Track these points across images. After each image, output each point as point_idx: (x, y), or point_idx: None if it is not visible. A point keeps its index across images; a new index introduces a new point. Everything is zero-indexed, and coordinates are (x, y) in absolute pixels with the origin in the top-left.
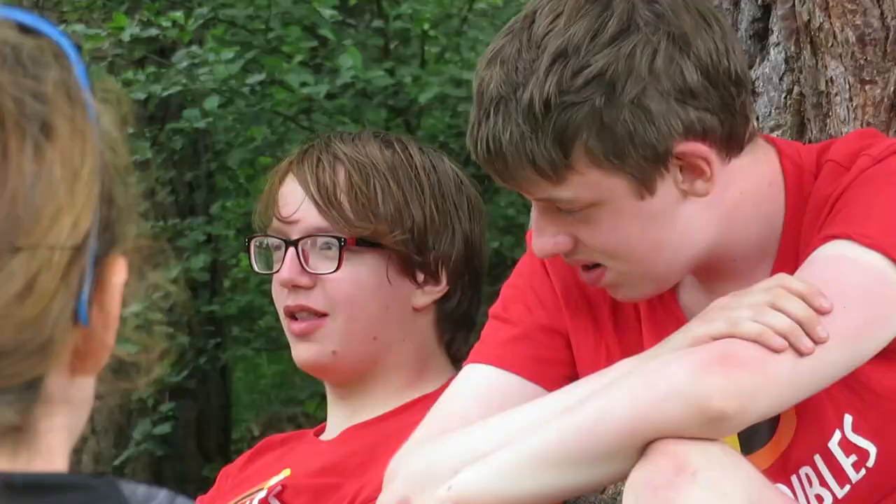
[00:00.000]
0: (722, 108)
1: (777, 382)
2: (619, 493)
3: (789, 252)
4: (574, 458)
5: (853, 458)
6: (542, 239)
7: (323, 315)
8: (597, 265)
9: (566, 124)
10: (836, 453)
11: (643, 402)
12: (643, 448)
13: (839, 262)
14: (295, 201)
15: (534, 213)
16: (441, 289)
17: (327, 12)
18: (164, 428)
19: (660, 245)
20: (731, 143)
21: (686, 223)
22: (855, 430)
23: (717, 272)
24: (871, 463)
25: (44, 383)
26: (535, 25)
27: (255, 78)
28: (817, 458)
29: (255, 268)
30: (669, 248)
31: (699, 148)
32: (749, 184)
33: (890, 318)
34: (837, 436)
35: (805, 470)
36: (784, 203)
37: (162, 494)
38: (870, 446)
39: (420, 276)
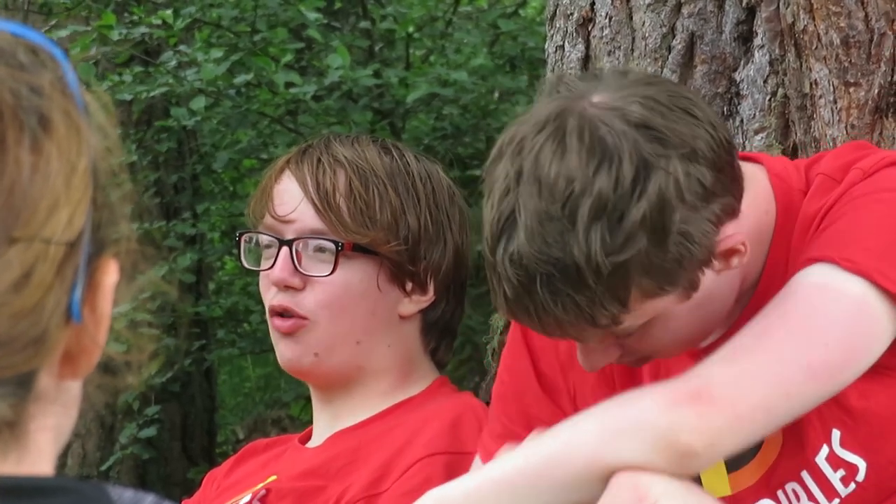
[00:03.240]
0: (732, 183)
1: (749, 421)
2: None
3: (777, 269)
4: (539, 486)
5: (841, 472)
6: (594, 356)
7: (306, 318)
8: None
9: (620, 279)
10: (823, 468)
11: (611, 433)
12: (608, 479)
13: (822, 292)
14: (292, 200)
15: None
16: (428, 298)
17: (312, 15)
18: (149, 431)
19: (705, 322)
20: (741, 201)
21: (724, 292)
22: (843, 444)
23: None
24: (860, 477)
25: (36, 379)
26: (545, 189)
27: (241, 78)
28: (804, 474)
29: (245, 263)
30: (710, 320)
31: (735, 236)
32: (753, 222)
33: (871, 349)
34: (825, 451)
35: (792, 486)
36: (774, 223)
37: (149, 499)
38: (859, 461)
39: (409, 285)
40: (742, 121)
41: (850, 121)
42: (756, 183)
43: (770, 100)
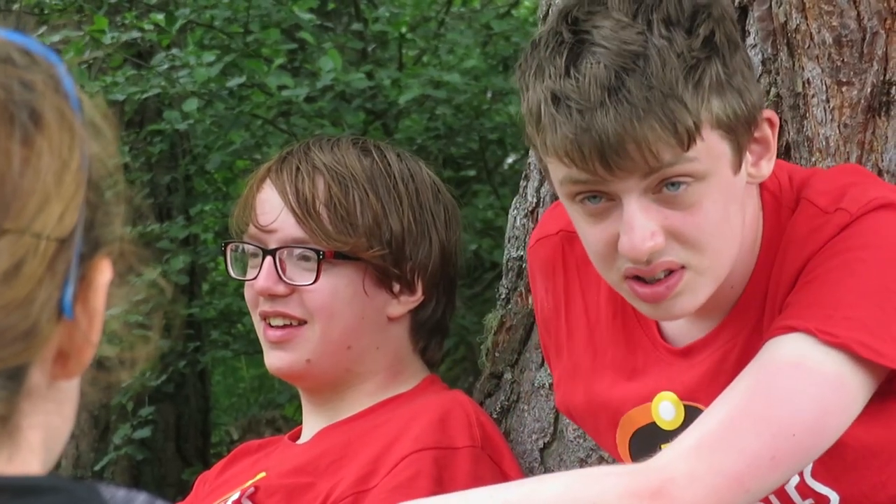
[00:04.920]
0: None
1: None
2: None
3: (759, 285)
4: None
5: (810, 501)
6: (641, 234)
7: (301, 323)
8: (671, 272)
9: (700, 78)
10: (791, 495)
11: (571, 499)
12: None
13: (795, 373)
14: (273, 210)
15: (627, 214)
16: (416, 298)
17: (305, 16)
18: (143, 432)
19: (734, 231)
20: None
21: (744, 213)
22: (814, 475)
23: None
24: None
25: (27, 375)
26: (612, 10)
27: (234, 81)
28: (772, 497)
29: (231, 273)
30: (737, 236)
31: (772, 115)
32: (750, 209)
33: (841, 426)
34: (795, 480)
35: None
36: (761, 236)
37: (141, 498)
38: (830, 493)
39: (396, 287)
40: None
41: (843, 120)
42: (750, 192)
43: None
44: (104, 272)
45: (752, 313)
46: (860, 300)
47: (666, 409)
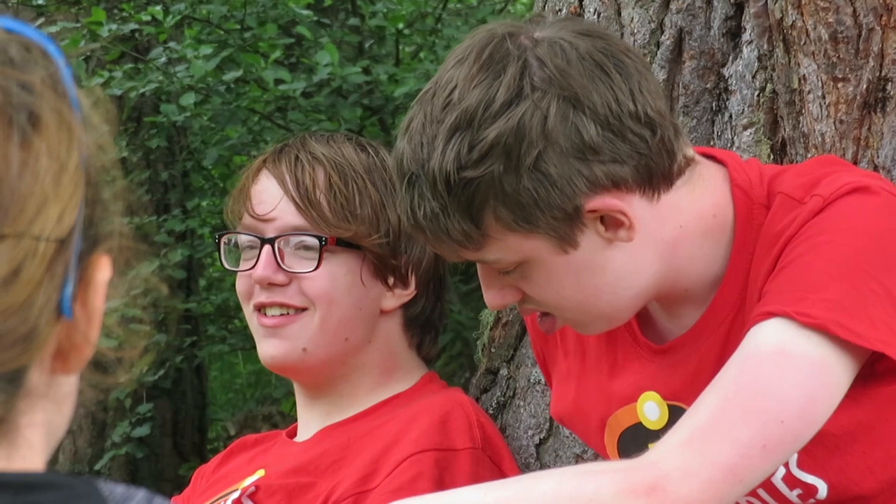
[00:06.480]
0: (632, 155)
1: None
2: None
3: (737, 279)
4: None
5: (798, 490)
6: (490, 292)
7: (299, 311)
8: (546, 314)
9: (471, 197)
10: (779, 487)
11: (566, 497)
12: None
13: (778, 360)
14: (271, 199)
15: (478, 269)
16: (409, 292)
17: (303, 12)
18: (142, 430)
19: (597, 291)
20: (655, 183)
21: (620, 266)
22: (800, 466)
23: (671, 299)
24: (822, 496)
25: (26, 375)
26: (436, 98)
27: (231, 75)
28: (760, 491)
29: (225, 265)
30: (607, 292)
31: (610, 202)
32: (689, 216)
33: (827, 410)
34: (781, 471)
35: (749, 497)
36: (732, 233)
37: (140, 494)
38: (818, 482)
39: (391, 279)
40: (731, 116)
41: (839, 116)
42: (709, 183)
43: (758, 95)
44: (103, 270)
45: (730, 309)
46: (835, 282)
47: (651, 409)
